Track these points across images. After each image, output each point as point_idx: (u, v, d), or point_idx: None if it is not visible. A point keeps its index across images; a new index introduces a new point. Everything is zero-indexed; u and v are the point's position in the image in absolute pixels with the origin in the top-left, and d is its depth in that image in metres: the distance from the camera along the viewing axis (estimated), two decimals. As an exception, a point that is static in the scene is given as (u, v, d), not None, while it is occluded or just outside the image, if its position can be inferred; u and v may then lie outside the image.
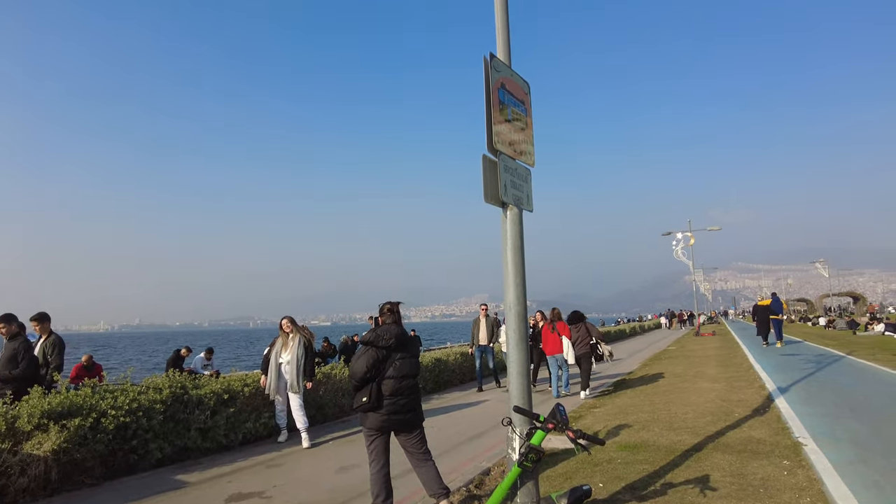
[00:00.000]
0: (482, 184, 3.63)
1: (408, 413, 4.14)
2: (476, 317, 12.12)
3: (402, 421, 4.12)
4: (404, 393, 4.12)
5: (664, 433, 6.75)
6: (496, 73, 3.74)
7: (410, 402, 4.16)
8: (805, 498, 4.27)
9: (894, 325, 24.92)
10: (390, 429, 4.13)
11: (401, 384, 4.11)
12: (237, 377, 8.01)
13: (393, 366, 4.13)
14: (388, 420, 4.06)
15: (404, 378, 4.13)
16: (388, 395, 4.06)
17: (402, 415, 4.10)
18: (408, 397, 4.14)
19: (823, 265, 73.43)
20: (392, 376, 4.10)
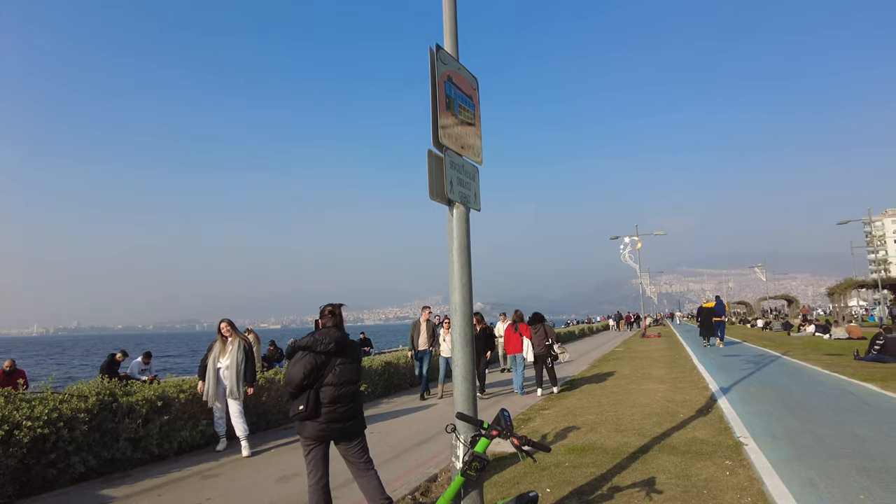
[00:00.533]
0: (427, 180, 3.48)
1: (348, 421, 3.90)
2: (416, 320, 11.72)
3: (341, 430, 3.88)
4: (344, 400, 3.88)
5: (611, 435, 6.76)
6: (443, 65, 3.60)
7: (351, 410, 3.92)
8: (746, 498, 4.31)
9: (823, 327, 26.26)
10: (329, 438, 3.89)
11: (340, 391, 3.87)
12: (173, 383, 7.59)
13: (332, 372, 3.88)
14: (326, 429, 3.82)
15: (344, 385, 3.90)
16: (327, 403, 3.82)
17: (341, 423, 3.86)
18: (348, 405, 3.90)
19: (761, 269, 77.02)
20: (331, 383, 3.86)
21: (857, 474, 4.81)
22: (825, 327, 25.87)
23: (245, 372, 6.99)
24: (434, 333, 11.24)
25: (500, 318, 17.01)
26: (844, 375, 11.14)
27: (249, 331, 13.85)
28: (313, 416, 3.80)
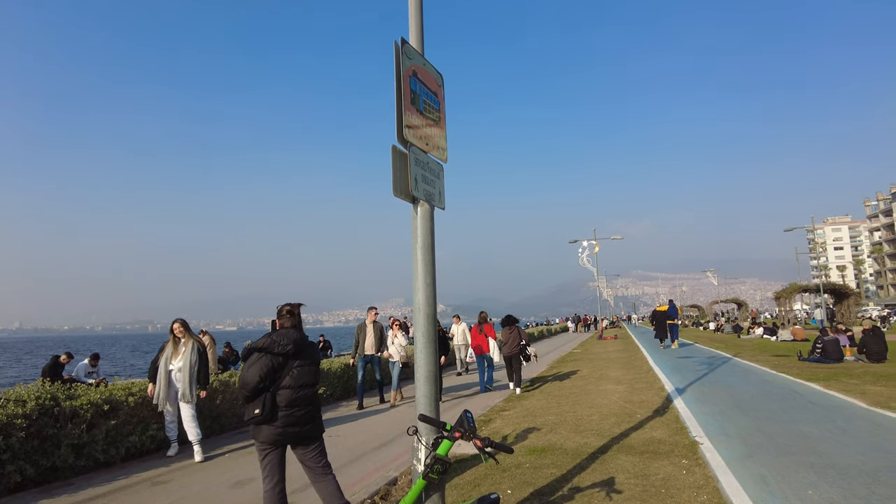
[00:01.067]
0: (391, 177, 3.41)
1: (306, 425, 3.77)
2: (361, 322, 10.49)
3: (299, 434, 3.74)
4: (302, 404, 3.74)
5: (571, 436, 6.81)
6: (408, 59, 3.53)
7: (309, 414, 3.78)
8: (702, 496, 4.39)
9: (771, 329, 27.34)
10: (286, 442, 3.74)
11: (298, 394, 3.72)
12: (122, 386, 7.25)
13: (290, 374, 3.74)
14: (283, 433, 3.67)
15: (302, 387, 3.75)
16: (284, 406, 3.67)
17: (299, 427, 3.73)
18: (306, 408, 3.76)
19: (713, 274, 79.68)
20: (289, 386, 3.70)
21: (805, 471, 4.97)
22: (772, 330, 26.92)
23: (198, 374, 6.74)
24: (382, 336, 10.31)
25: (453, 320, 16.14)
26: (790, 376, 11.58)
27: (204, 332, 13.41)
28: (269, 419, 3.65)
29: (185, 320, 7.01)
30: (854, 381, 10.41)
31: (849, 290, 31.73)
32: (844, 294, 31.60)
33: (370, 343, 10.16)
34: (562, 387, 11.48)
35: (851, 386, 9.76)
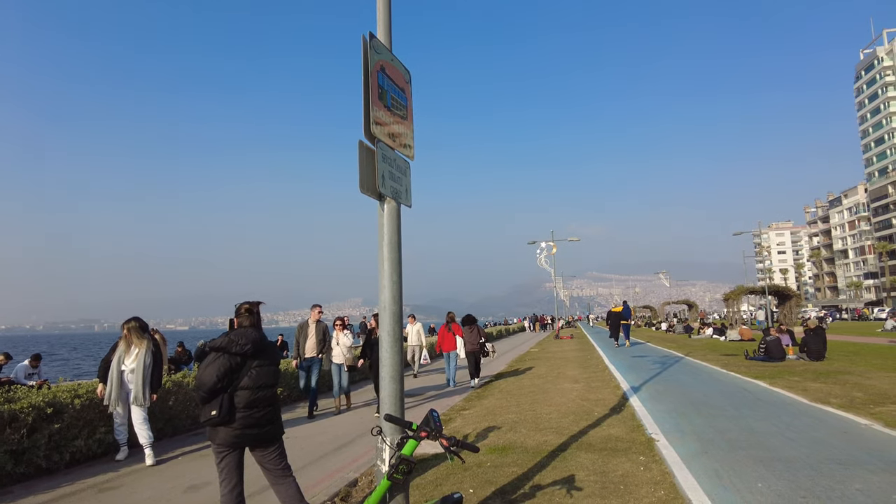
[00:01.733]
0: (358, 173, 3.34)
1: (265, 427, 3.65)
2: (303, 321, 9.63)
3: (257, 435, 3.62)
4: (261, 405, 3.62)
5: (531, 434, 6.88)
6: (376, 54, 3.47)
7: (268, 415, 3.67)
8: (659, 491, 4.50)
9: (720, 330, 28.36)
10: (244, 444, 3.62)
11: (257, 395, 3.60)
12: (68, 387, 6.90)
13: (248, 375, 3.62)
14: (241, 435, 3.55)
15: (261, 388, 3.63)
16: (242, 408, 3.55)
17: (257, 429, 3.61)
18: (264, 409, 3.64)
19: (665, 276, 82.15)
20: (247, 386, 3.58)
21: (754, 465, 5.16)
22: (721, 330, 27.93)
23: (152, 376, 6.48)
24: (325, 337, 9.45)
25: (409, 320, 15.48)
26: (739, 374, 12.03)
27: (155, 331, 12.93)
28: (227, 421, 3.52)
29: (141, 319, 6.73)
30: (796, 378, 10.89)
31: (791, 293, 33.23)
32: (787, 296, 33.08)
33: (311, 345, 9.27)
34: (521, 386, 11.59)
35: (794, 383, 10.21)
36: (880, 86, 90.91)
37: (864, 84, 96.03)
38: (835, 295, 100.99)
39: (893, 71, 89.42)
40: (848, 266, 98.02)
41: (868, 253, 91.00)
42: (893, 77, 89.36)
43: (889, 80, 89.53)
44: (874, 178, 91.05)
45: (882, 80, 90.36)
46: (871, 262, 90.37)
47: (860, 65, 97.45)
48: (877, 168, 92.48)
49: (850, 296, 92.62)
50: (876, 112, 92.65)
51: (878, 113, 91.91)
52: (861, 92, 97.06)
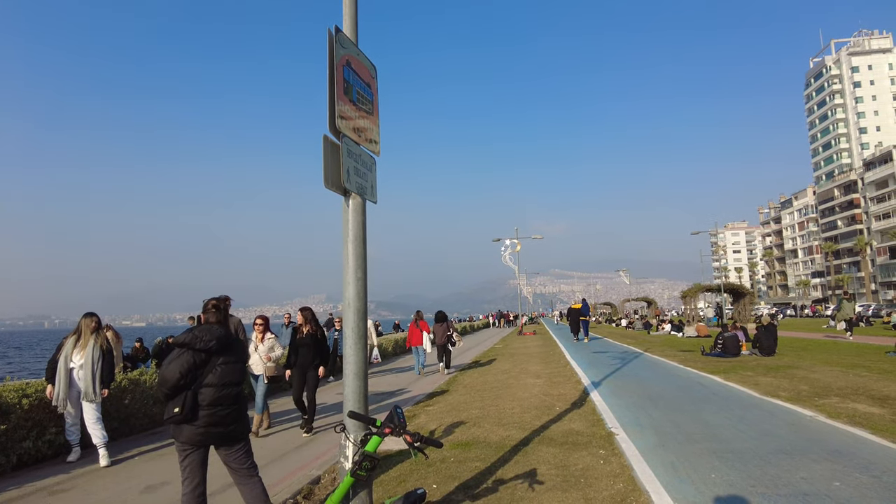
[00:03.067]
0: (322, 168, 3.31)
1: (230, 425, 3.56)
2: None
3: (222, 434, 3.53)
4: (226, 402, 3.52)
5: (494, 429, 6.95)
6: (342, 48, 3.44)
7: (233, 413, 3.59)
8: (619, 483, 4.61)
9: (677, 326, 29.20)
10: (208, 443, 3.53)
11: (222, 392, 3.51)
12: (14, 387, 6.60)
13: (213, 371, 3.53)
14: (205, 433, 3.46)
15: (226, 386, 3.54)
16: (206, 406, 3.46)
17: (222, 427, 3.52)
18: (230, 407, 3.56)
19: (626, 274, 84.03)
20: (211, 384, 3.50)
21: (708, 456, 5.34)
22: (679, 327, 28.75)
23: (101, 372, 6.26)
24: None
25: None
26: (695, 369, 12.41)
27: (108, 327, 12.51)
28: (190, 419, 3.44)
29: (96, 315, 6.51)
30: (749, 373, 11.30)
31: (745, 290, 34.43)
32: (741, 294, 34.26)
33: None
34: (485, 381, 11.69)
35: (747, 378, 10.60)
36: (828, 93, 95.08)
37: (813, 91, 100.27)
38: (785, 293, 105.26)
39: (840, 80, 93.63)
40: (797, 265, 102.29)
41: (815, 253, 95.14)
42: (840, 86, 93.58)
43: (836, 88, 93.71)
44: (822, 182, 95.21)
45: (830, 87, 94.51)
46: (818, 262, 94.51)
47: (810, 73, 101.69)
48: (824, 172, 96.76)
49: (799, 294, 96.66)
50: (824, 118, 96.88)
51: (826, 119, 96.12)
52: (810, 99, 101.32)
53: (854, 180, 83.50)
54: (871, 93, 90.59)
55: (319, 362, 7.60)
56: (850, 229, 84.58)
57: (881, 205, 76.80)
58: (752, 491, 4.34)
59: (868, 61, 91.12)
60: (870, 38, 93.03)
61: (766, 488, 4.39)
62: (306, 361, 7.44)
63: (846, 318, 21.03)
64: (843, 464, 4.94)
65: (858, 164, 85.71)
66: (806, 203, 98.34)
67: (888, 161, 74.69)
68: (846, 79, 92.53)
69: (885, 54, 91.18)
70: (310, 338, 7.52)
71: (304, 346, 7.46)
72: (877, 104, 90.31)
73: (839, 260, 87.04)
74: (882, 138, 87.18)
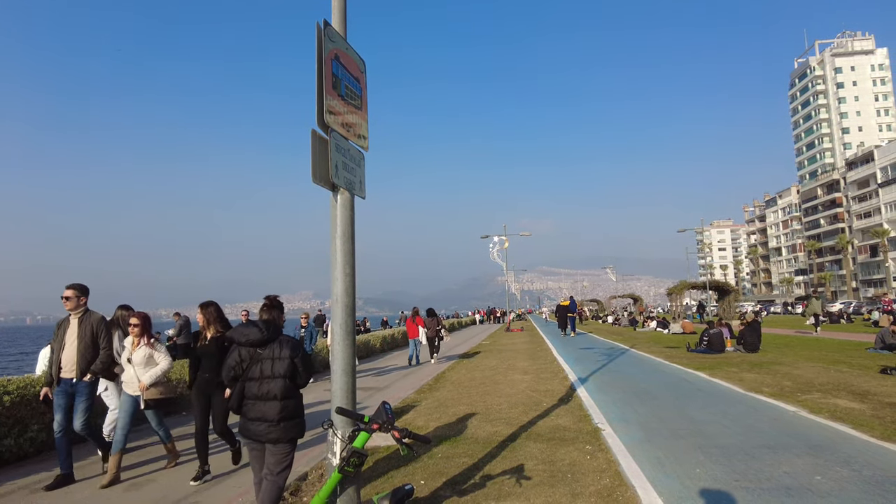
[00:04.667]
0: (310, 163, 3.29)
1: (274, 422, 3.62)
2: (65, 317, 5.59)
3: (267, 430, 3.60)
4: (268, 397, 3.63)
5: (482, 425, 6.96)
6: (330, 42, 3.42)
7: (278, 408, 3.64)
8: (605, 479, 4.65)
9: (663, 323, 29.46)
10: (255, 437, 3.63)
11: (264, 387, 3.64)
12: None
13: (257, 365, 3.67)
14: (252, 427, 3.64)
15: (269, 379, 3.65)
16: (251, 398, 3.65)
17: (266, 423, 3.61)
18: (274, 401, 3.65)
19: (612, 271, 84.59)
20: (254, 377, 3.65)
21: (693, 451, 5.40)
22: (664, 323, 29.00)
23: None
24: (95, 343, 5.60)
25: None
26: (681, 366, 12.53)
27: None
28: (237, 410, 3.68)
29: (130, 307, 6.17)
30: (734, 369, 11.44)
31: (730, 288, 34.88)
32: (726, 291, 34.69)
33: (69, 358, 5.38)
34: (472, 378, 11.70)
35: (731, 374, 10.72)
36: (812, 94, 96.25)
37: (797, 91, 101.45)
38: (769, 290, 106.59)
39: (824, 80, 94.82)
40: (781, 263, 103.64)
41: (799, 251, 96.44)
42: (824, 86, 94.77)
43: (820, 88, 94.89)
44: (806, 181, 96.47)
45: (814, 88, 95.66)
46: (801, 260, 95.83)
47: (794, 73, 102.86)
48: (808, 171, 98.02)
49: (783, 291, 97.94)
50: (808, 118, 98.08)
51: (810, 119, 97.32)
52: (795, 99, 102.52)
53: (837, 180, 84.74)
54: (853, 94, 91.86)
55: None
56: (832, 228, 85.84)
57: (862, 204, 78.00)
58: (736, 485, 4.39)
59: (851, 62, 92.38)
60: (853, 40, 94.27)
61: (750, 482, 4.45)
62: (210, 379, 5.24)
63: (814, 314, 22.26)
64: (825, 458, 5.03)
65: (841, 163, 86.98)
66: (790, 202, 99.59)
67: (869, 161, 75.87)
68: (830, 79, 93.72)
69: (868, 55, 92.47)
70: (215, 346, 5.31)
71: (208, 358, 5.32)
72: (859, 105, 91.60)
73: (822, 258, 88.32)
74: (864, 138, 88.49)
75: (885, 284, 71.08)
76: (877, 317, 28.58)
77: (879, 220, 73.70)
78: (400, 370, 14.17)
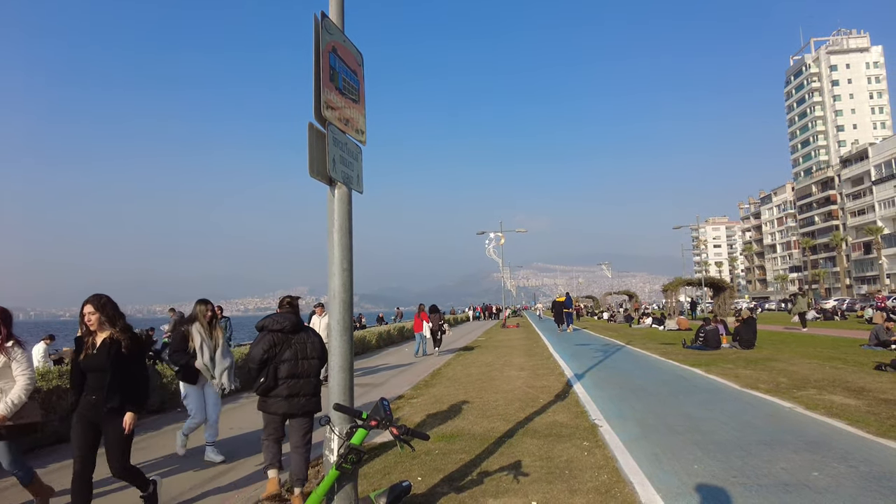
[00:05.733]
0: (307, 156, 3.24)
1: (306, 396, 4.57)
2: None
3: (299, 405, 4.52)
4: (303, 374, 4.54)
5: (479, 421, 6.95)
6: (328, 34, 3.37)
7: (309, 385, 4.60)
8: (603, 475, 4.63)
9: (659, 319, 29.52)
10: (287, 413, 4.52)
11: (298, 367, 4.51)
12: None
13: (289, 348, 4.49)
14: (286, 403, 4.49)
15: (302, 360, 4.54)
16: (284, 378, 4.45)
17: (300, 398, 4.51)
18: (306, 378, 4.58)
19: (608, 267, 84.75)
20: (287, 359, 4.46)
21: (691, 448, 5.40)
22: (660, 320, 29.07)
23: None
24: None
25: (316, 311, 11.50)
26: (677, 362, 12.55)
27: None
28: (272, 387, 4.42)
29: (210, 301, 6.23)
30: (729, 365, 11.46)
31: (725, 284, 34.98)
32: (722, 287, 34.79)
33: None
34: (468, 374, 11.70)
35: (727, 370, 10.74)
36: (807, 91, 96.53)
37: (793, 89, 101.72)
38: (764, 287, 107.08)
39: (819, 78, 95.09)
40: (776, 260, 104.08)
41: (794, 248, 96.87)
42: (819, 84, 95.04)
43: (815, 86, 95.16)
44: (800, 178, 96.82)
45: (809, 85, 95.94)
46: (795, 257, 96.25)
47: (790, 70, 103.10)
48: (803, 168, 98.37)
49: (777, 288, 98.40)
50: (803, 116, 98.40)
51: (805, 117, 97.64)
52: (790, 96, 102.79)
53: (831, 177, 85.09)
54: (848, 91, 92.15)
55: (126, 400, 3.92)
56: (826, 225, 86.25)
57: (856, 201, 78.35)
58: (733, 481, 4.39)
59: (846, 60, 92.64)
60: (848, 38, 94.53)
61: (748, 479, 4.44)
62: (97, 402, 3.84)
63: (800, 312, 23.35)
64: (822, 454, 5.03)
65: (836, 161, 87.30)
66: (785, 199, 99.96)
67: (864, 159, 76.17)
68: (825, 77, 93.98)
69: (863, 53, 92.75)
70: (106, 356, 3.87)
71: (96, 374, 3.88)
72: (854, 102, 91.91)
73: (816, 255, 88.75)
74: (858, 136, 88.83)
75: (878, 281, 71.45)
76: (870, 314, 28.71)
77: (873, 218, 74.07)
78: (395, 367, 14.17)
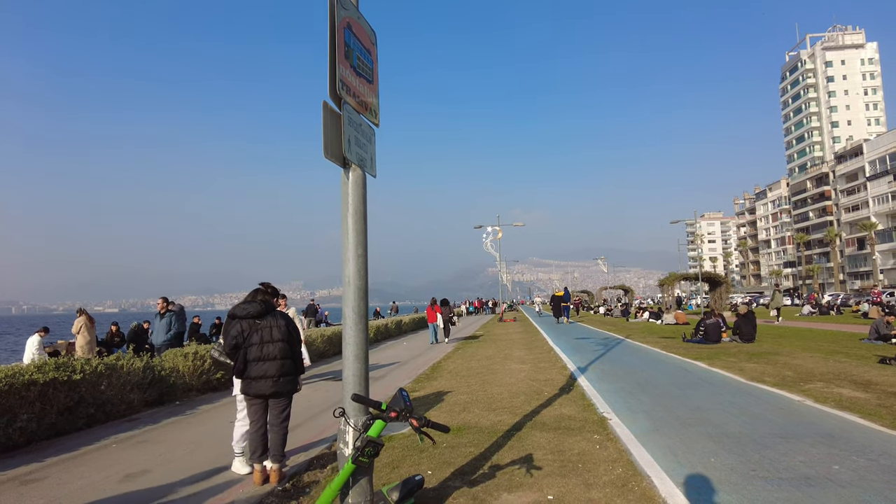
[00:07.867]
0: (322, 136, 3.09)
1: (277, 377, 4.56)
2: None
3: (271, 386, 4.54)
4: (269, 357, 4.55)
5: (485, 414, 6.84)
6: (343, 10, 3.21)
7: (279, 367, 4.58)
8: (618, 468, 4.52)
9: (656, 313, 29.52)
10: (260, 393, 4.54)
11: (264, 350, 4.55)
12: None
13: (256, 333, 4.54)
14: (257, 384, 4.53)
15: (268, 343, 4.56)
16: (253, 360, 4.52)
17: (270, 379, 4.52)
18: (275, 361, 4.57)
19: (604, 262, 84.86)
20: (254, 342, 4.51)
21: (705, 441, 5.30)
22: (657, 314, 29.07)
23: None
24: None
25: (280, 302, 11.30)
26: (679, 355, 12.48)
27: (81, 311, 12.14)
28: (243, 371, 4.49)
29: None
30: (732, 359, 11.40)
31: (721, 279, 35.00)
32: (718, 282, 34.81)
33: None
34: (469, 367, 11.58)
35: (731, 364, 10.68)
36: (802, 87, 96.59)
37: (788, 85, 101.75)
38: (758, 282, 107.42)
39: (814, 74, 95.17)
40: (770, 255, 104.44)
41: (788, 244, 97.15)
42: (814, 80, 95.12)
43: (810, 82, 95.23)
44: (795, 174, 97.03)
45: (804, 81, 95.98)
46: (790, 252, 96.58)
47: (785, 66, 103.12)
48: (797, 164, 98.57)
49: (771, 283, 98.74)
50: (798, 112, 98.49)
51: (800, 113, 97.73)
52: (785, 92, 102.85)
53: (826, 173, 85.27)
54: (843, 87, 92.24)
55: None
56: (820, 221, 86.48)
57: (850, 197, 78.60)
58: (753, 475, 4.29)
59: (841, 56, 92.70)
60: (843, 34, 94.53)
61: (768, 472, 4.34)
62: None
63: (777, 307, 24.61)
64: (839, 447, 4.94)
65: (830, 157, 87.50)
66: (779, 194, 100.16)
67: (858, 154, 76.36)
68: (820, 73, 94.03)
69: (858, 49, 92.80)
70: None
71: None
72: (849, 98, 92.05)
73: (810, 251, 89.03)
74: (853, 132, 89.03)
75: (871, 277, 71.81)
76: (866, 308, 28.81)
77: (867, 214, 74.33)
78: (394, 361, 14.06)
